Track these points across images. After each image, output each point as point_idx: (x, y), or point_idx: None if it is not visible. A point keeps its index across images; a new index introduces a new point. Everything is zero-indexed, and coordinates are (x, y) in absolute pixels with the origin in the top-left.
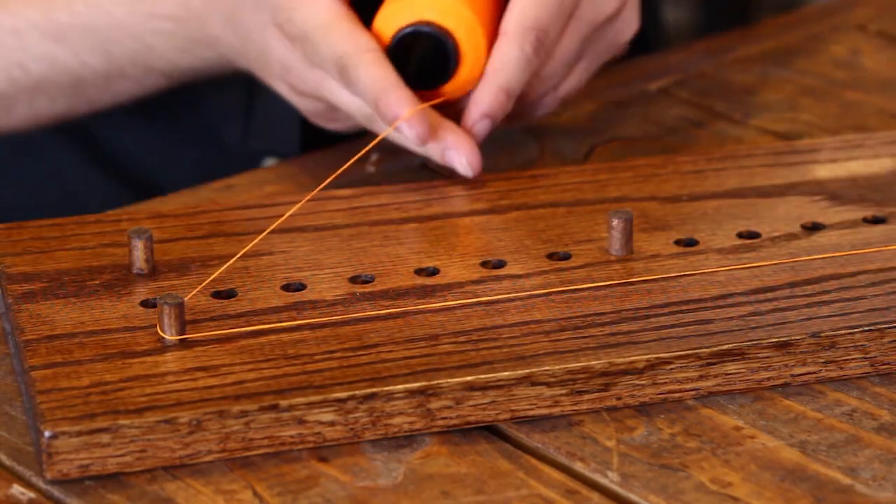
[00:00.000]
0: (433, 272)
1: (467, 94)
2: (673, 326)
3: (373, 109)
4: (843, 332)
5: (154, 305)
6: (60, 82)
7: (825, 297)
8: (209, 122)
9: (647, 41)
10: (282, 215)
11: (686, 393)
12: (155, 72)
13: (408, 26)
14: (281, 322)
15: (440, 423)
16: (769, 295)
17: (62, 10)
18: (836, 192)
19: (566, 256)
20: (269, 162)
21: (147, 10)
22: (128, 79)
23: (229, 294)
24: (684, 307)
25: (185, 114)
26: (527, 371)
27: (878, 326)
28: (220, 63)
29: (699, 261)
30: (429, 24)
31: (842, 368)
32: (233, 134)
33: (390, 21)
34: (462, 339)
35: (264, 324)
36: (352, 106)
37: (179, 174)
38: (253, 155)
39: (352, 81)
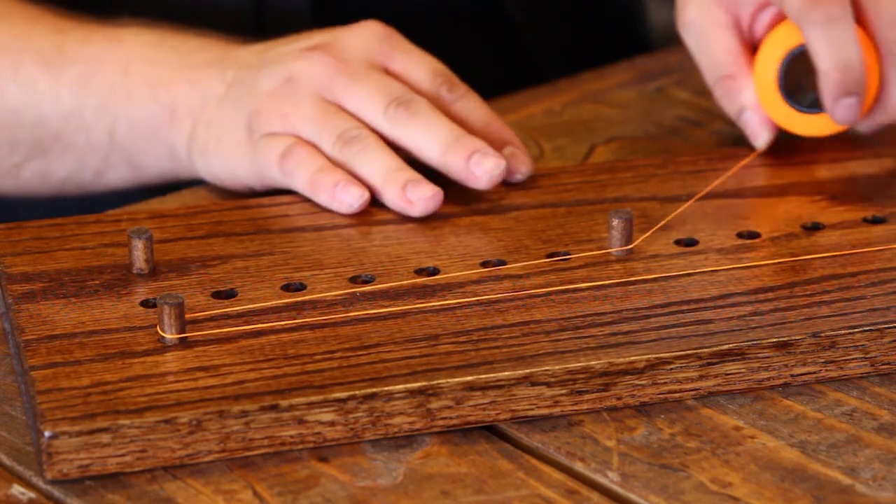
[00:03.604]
0: (433, 272)
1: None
2: (673, 326)
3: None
4: (843, 332)
5: (154, 305)
6: (25, 120)
7: (825, 297)
8: None
9: (640, 41)
10: (282, 215)
11: (686, 393)
12: (106, 120)
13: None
14: (281, 322)
15: (440, 423)
16: (769, 295)
17: (76, 41)
18: (836, 192)
19: (566, 256)
20: None
21: (171, 59)
22: (81, 131)
23: (229, 294)
24: (684, 307)
25: None
26: (527, 371)
27: (878, 326)
28: (167, 123)
29: (699, 261)
30: None
31: (842, 368)
32: None
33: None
34: (462, 339)
35: (264, 324)
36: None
37: None
38: None
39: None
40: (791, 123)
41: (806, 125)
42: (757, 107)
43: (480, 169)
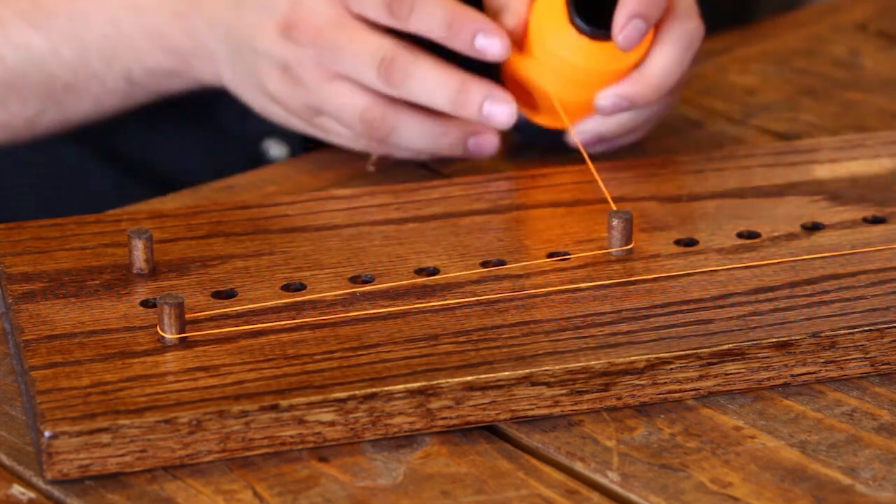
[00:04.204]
0: (433, 272)
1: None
2: (673, 326)
3: (445, 34)
4: (843, 332)
5: (154, 305)
6: (33, 79)
7: (825, 297)
8: (209, 105)
9: None
10: (282, 215)
11: (686, 393)
12: (119, 70)
13: None
14: (281, 322)
15: (440, 423)
16: (769, 295)
17: None
18: (836, 192)
19: (566, 256)
20: (270, 144)
21: (130, 3)
22: (92, 78)
23: (229, 294)
24: (684, 307)
25: (182, 97)
26: (527, 371)
27: (878, 326)
28: (185, 69)
29: (699, 261)
30: None
31: (842, 368)
32: (232, 115)
33: None
34: (462, 339)
35: (264, 324)
36: (345, 111)
37: (181, 159)
38: (254, 137)
39: (414, 13)
40: (568, 47)
41: (582, 51)
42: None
43: (495, 120)
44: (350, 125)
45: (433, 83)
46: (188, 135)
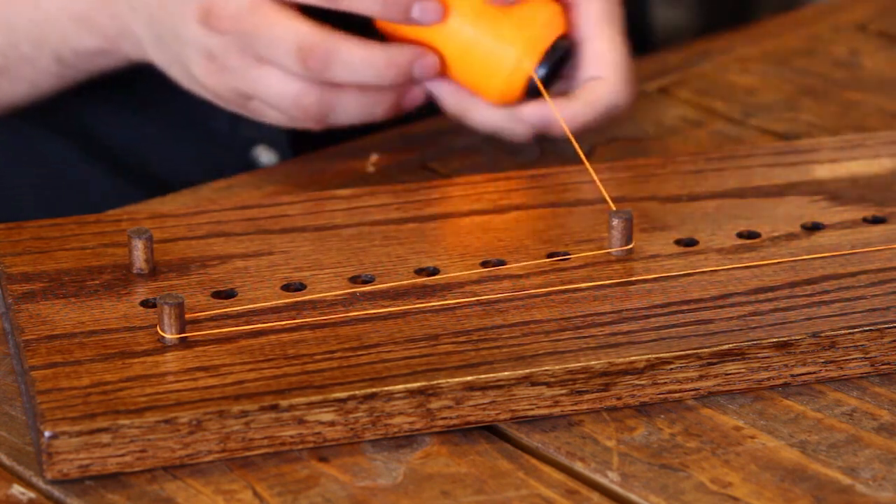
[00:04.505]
0: (433, 272)
1: None
2: (673, 326)
3: (381, 9)
4: (843, 332)
5: (154, 305)
6: None
7: (825, 297)
8: (198, 110)
9: (641, 41)
10: (282, 215)
11: (686, 393)
12: (49, 52)
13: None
14: (281, 322)
15: (440, 423)
16: (769, 295)
17: None
18: (836, 192)
19: (566, 256)
20: (261, 151)
21: None
22: (23, 61)
23: (229, 294)
24: (684, 307)
25: (174, 103)
26: (527, 371)
27: (878, 326)
28: (114, 49)
29: (699, 261)
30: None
31: (842, 368)
32: (222, 122)
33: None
34: (462, 339)
35: (264, 324)
36: (278, 98)
37: (174, 163)
38: (243, 144)
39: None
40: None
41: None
42: None
43: (429, 77)
44: (285, 111)
45: (358, 64)
46: (182, 141)
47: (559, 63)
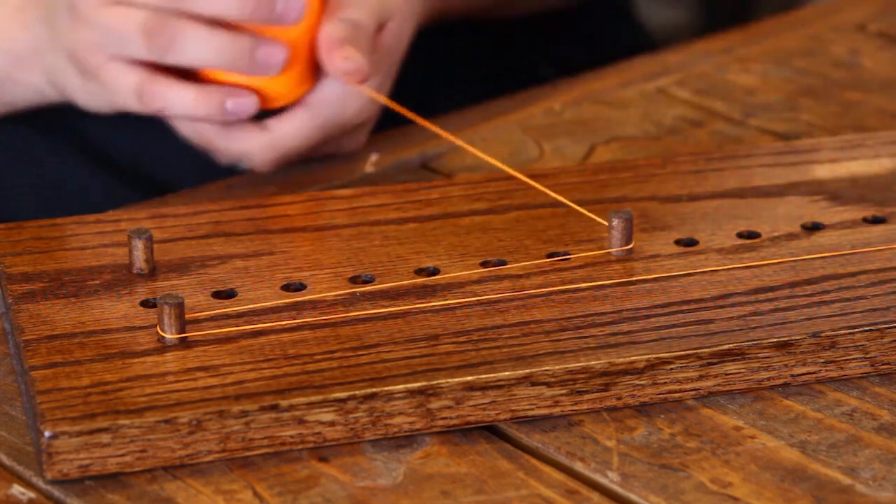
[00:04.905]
0: (433, 272)
1: None
2: (673, 326)
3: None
4: (843, 332)
5: (154, 305)
6: None
7: (825, 297)
8: None
9: (640, 41)
10: (282, 215)
11: (686, 393)
12: None
13: None
14: (281, 322)
15: (440, 423)
16: (769, 295)
17: None
18: (836, 192)
19: (566, 256)
20: None
21: None
22: None
23: (229, 294)
24: (684, 307)
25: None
26: (527, 371)
27: (878, 326)
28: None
29: (699, 261)
30: None
31: (842, 368)
32: None
33: None
34: (462, 339)
35: (264, 324)
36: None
37: (172, 166)
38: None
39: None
40: None
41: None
42: None
43: (269, 61)
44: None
45: (201, 50)
46: (181, 144)
47: None
